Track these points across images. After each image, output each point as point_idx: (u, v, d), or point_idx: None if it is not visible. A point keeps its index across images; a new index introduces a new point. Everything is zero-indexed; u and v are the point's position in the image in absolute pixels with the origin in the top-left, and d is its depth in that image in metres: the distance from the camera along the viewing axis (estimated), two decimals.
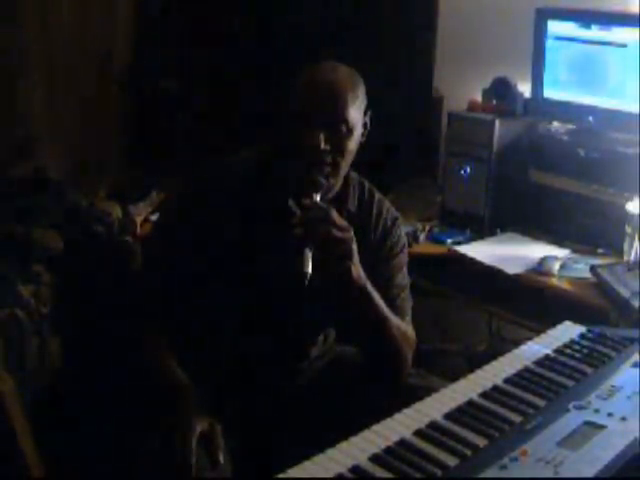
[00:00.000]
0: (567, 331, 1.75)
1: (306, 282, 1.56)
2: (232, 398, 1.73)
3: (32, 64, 2.89)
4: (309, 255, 1.56)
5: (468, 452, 1.28)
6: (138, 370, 1.71)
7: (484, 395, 1.46)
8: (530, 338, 1.73)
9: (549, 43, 2.70)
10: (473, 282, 2.56)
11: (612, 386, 1.49)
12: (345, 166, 1.72)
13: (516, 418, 1.38)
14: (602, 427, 1.34)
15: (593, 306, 2.23)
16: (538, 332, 1.79)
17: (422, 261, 2.43)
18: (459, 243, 2.66)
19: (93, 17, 3.05)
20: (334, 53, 1.78)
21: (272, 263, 1.73)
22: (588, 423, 1.35)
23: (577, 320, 1.80)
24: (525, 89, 2.79)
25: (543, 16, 2.69)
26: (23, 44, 2.85)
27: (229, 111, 3.20)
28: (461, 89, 2.96)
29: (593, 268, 2.35)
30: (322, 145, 1.64)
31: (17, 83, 2.86)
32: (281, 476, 1.21)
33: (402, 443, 1.30)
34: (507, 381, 1.52)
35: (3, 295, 1.71)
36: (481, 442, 1.31)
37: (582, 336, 1.72)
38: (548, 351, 1.64)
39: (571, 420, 1.37)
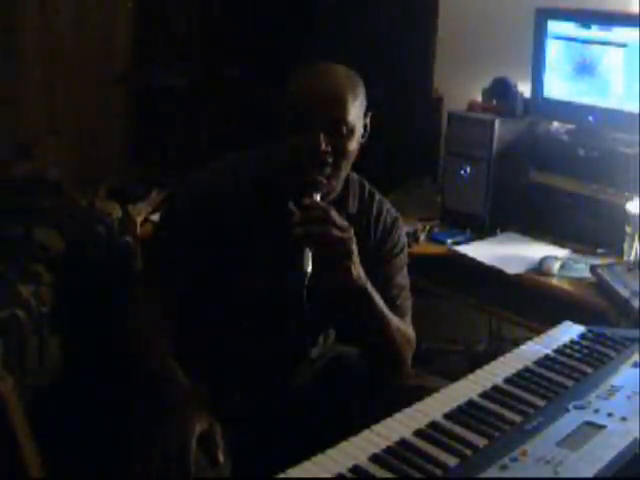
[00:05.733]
0: (567, 331, 1.75)
1: (306, 282, 1.57)
2: (232, 398, 1.73)
3: (32, 64, 2.89)
4: (309, 255, 1.56)
5: (468, 452, 1.28)
6: (138, 370, 1.71)
7: (484, 395, 1.46)
8: (530, 338, 1.73)
9: (549, 43, 2.69)
10: (473, 282, 2.56)
11: (612, 386, 1.49)
12: (346, 167, 1.72)
13: (516, 418, 1.38)
14: (602, 427, 1.34)
15: (593, 306, 2.23)
16: (538, 332, 1.79)
17: (422, 261, 2.43)
18: (459, 243, 2.66)
19: (93, 16, 3.05)
20: (334, 53, 1.78)
21: (272, 263, 1.73)
22: (588, 423, 1.35)
23: (577, 320, 1.80)
24: (525, 89, 2.79)
25: (543, 16, 2.69)
26: (23, 44, 2.86)
27: (230, 110, 3.20)
28: (461, 89, 2.96)
29: (593, 268, 2.35)
30: (323, 146, 1.64)
31: (17, 83, 2.86)
32: (281, 476, 1.21)
33: (402, 443, 1.30)
34: (507, 381, 1.51)
35: (3, 295, 1.71)
36: (481, 442, 1.31)
37: (582, 336, 1.72)
38: (548, 351, 1.64)
39: (571, 420, 1.36)
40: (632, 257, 2.41)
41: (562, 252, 2.55)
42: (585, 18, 2.63)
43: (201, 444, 1.49)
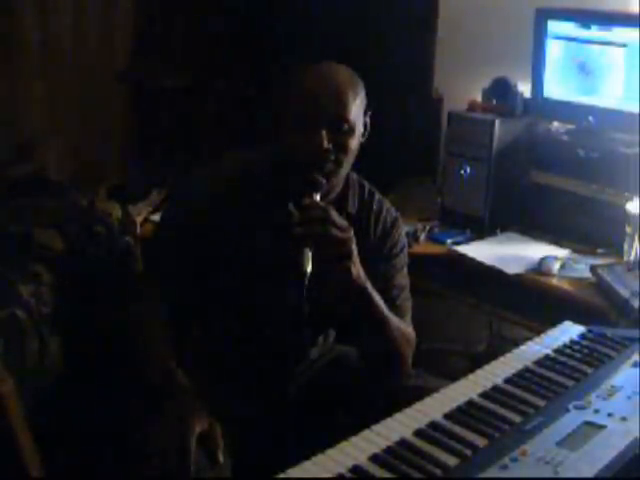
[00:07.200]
0: (567, 331, 1.75)
1: (306, 282, 1.57)
2: (232, 398, 1.73)
3: (32, 63, 2.89)
4: (309, 255, 1.56)
5: (468, 452, 1.28)
6: (138, 370, 1.71)
7: (484, 395, 1.46)
8: (530, 338, 1.73)
9: (549, 43, 2.69)
10: (473, 282, 2.55)
11: (612, 386, 1.49)
12: (347, 165, 1.72)
13: (516, 418, 1.38)
14: (602, 427, 1.34)
15: (593, 306, 2.23)
16: (538, 332, 1.79)
17: (422, 261, 2.43)
18: (459, 243, 2.65)
19: (93, 16, 3.05)
20: (334, 53, 1.78)
21: (272, 263, 1.73)
22: (588, 423, 1.35)
23: (577, 320, 1.80)
24: (525, 89, 2.79)
25: (543, 16, 2.69)
26: (23, 44, 2.86)
27: (230, 110, 3.20)
28: (461, 89, 2.96)
29: (593, 268, 2.35)
30: (325, 144, 1.64)
31: (17, 83, 2.86)
32: (281, 476, 1.21)
33: (402, 443, 1.30)
34: (507, 381, 1.51)
35: (3, 295, 1.71)
36: (481, 442, 1.31)
37: (582, 336, 1.72)
38: (548, 351, 1.64)
39: (571, 420, 1.37)
40: (632, 257, 2.41)
41: (562, 252, 2.55)
42: (585, 18, 2.62)
43: (201, 444, 1.49)
